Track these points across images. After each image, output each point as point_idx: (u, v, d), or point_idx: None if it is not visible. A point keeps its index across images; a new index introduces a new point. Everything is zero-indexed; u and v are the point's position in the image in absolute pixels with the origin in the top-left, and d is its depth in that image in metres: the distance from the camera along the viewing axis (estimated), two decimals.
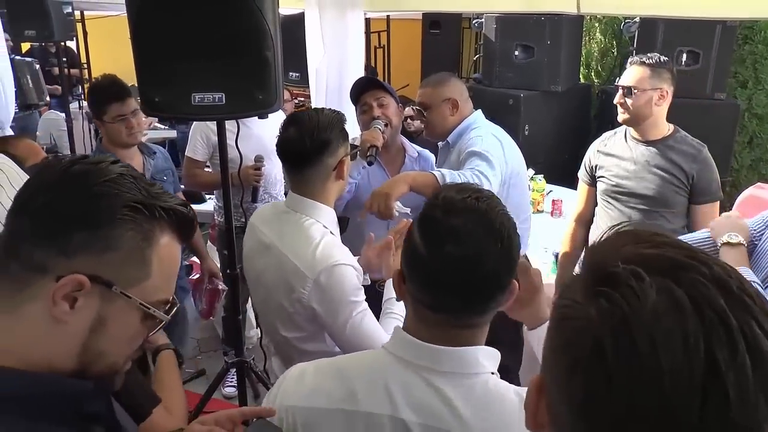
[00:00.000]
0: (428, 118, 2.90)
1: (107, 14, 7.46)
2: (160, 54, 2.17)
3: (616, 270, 0.64)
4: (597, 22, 6.59)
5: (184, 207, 1.02)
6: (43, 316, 0.91)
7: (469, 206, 1.23)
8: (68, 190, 0.94)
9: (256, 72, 2.18)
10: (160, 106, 2.24)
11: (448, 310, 1.24)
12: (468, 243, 1.19)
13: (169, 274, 1.02)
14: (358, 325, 1.91)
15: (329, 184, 2.07)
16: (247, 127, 2.99)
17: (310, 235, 1.98)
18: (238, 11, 2.08)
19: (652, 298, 0.60)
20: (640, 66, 2.87)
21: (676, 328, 0.59)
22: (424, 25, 7.80)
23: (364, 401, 1.25)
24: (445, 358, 1.23)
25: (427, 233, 1.24)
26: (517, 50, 5.70)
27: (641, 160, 2.90)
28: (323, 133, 2.01)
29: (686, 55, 4.99)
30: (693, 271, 0.62)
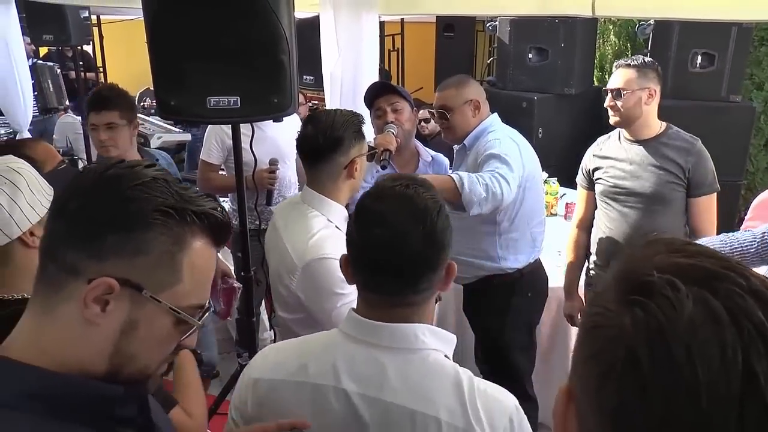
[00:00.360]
0: (451, 121, 2.88)
1: (123, 18, 7.54)
2: (176, 58, 2.20)
3: (651, 279, 0.63)
4: (611, 25, 6.57)
5: (218, 210, 1.01)
6: (76, 318, 0.93)
7: (396, 192, 1.34)
8: (101, 194, 0.95)
9: (271, 76, 2.20)
10: (175, 109, 2.26)
11: (384, 290, 1.35)
12: (392, 225, 1.30)
13: (202, 279, 1.02)
14: (343, 314, 1.96)
15: (340, 182, 2.13)
16: (261, 130, 3.01)
17: (309, 227, 2.07)
18: (254, 15, 2.10)
19: (689, 309, 0.59)
20: (626, 68, 2.91)
21: (713, 339, 0.58)
22: (437, 28, 7.80)
23: (313, 373, 1.36)
24: (384, 333, 1.33)
25: (358, 218, 1.37)
26: (531, 53, 5.69)
27: (637, 160, 2.93)
28: (336, 132, 2.08)
29: (701, 57, 4.96)
30: (729, 282, 0.61)
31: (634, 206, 2.95)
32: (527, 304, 2.93)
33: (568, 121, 5.81)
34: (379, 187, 1.38)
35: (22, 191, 1.54)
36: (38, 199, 1.55)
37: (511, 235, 2.91)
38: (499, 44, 6.12)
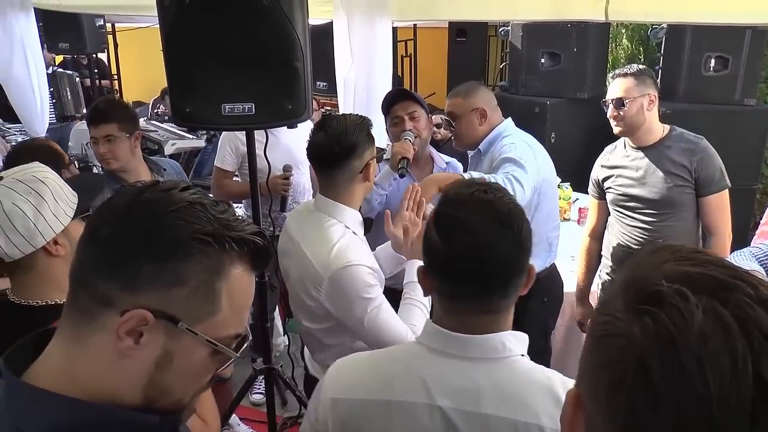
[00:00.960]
0: (457, 129, 2.92)
1: (137, 26, 7.59)
2: (191, 65, 2.21)
3: (660, 288, 0.63)
4: (624, 29, 6.55)
5: (258, 235, 0.96)
6: (108, 349, 0.88)
7: (476, 198, 1.33)
8: (135, 221, 0.89)
9: (285, 82, 2.21)
10: (190, 116, 2.27)
11: (469, 298, 1.32)
12: (478, 232, 1.28)
13: (241, 307, 0.96)
14: (374, 318, 1.99)
15: (355, 186, 2.14)
16: (275, 136, 3.02)
17: (329, 236, 2.07)
18: (268, 22, 2.11)
19: (699, 319, 0.59)
20: (624, 77, 2.92)
21: (723, 350, 0.58)
22: (450, 34, 7.82)
23: (400, 391, 1.32)
24: (473, 346, 1.30)
25: (440, 227, 1.33)
26: (543, 58, 5.69)
27: (643, 166, 2.93)
28: (350, 137, 2.09)
29: (714, 60, 4.94)
30: (738, 292, 0.61)
31: (645, 212, 2.94)
32: (543, 308, 2.92)
33: (580, 126, 5.79)
34: (457, 194, 1.37)
35: (47, 201, 1.56)
36: (62, 209, 1.57)
37: None
38: (511, 49, 6.12)
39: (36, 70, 4.55)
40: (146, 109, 7.82)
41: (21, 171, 1.61)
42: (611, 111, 2.94)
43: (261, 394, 3.84)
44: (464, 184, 1.41)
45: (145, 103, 8.32)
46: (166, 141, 5.47)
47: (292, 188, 3.53)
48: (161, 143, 5.48)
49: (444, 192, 1.41)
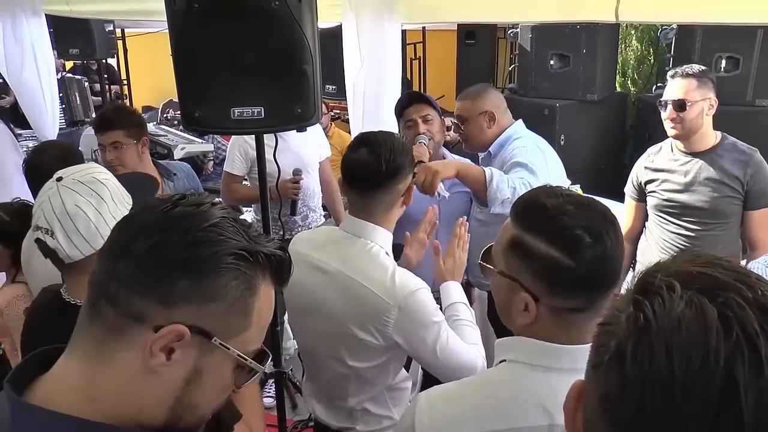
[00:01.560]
0: (465, 131, 2.91)
1: (147, 31, 7.63)
2: (200, 70, 2.21)
3: (653, 280, 0.65)
4: (633, 30, 6.53)
5: (283, 251, 0.97)
6: (136, 367, 0.87)
7: (576, 203, 1.26)
8: (170, 236, 0.88)
9: (295, 86, 2.20)
10: (200, 121, 2.27)
11: (597, 306, 1.25)
12: (602, 237, 1.22)
13: (265, 323, 0.97)
14: (446, 345, 1.89)
15: (395, 210, 2.03)
16: (284, 140, 3.02)
17: (383, 263, 1.94)
18: (277, 26, 2.11)
19: (679, 308, 0.61)
20: (685, 78, 2.81)
21: (697, 341, 0.58)
22: (459, 36, 7.81)
23: (517, 417, 1.24)
24: (582, 356, 1.25)
25: (560, 241, 1.23)
26: (553, 59, 5.68)
27: (692, 173, 2.84)
28: (399, 158, 1.96)
29: (725, 61, 4.91)
30: (734, 292, 0.61)
31: (690, 220, 2.86)
32: None
33: (590, 128, 5.78)
34: (555, 204, 1.26)
35: (107, 202, 1.57)
36: (120, 210, 1.57)
37: None
38: (520, 51, 6.11)
39: (47, 75, 4.58)
40: (156, 113, 7.86)
41: (80, 171, 1.62)
42: (670, 113, 2.83)
43: (271, 397, 3.83)
44: (544, 193, 1.31)
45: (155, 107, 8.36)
46: (176, 145, 5.51)
47: (301, 192, 3.54)
48: (171, 147, 5.51)
49: (526, 205, 1.32)
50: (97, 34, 5.68)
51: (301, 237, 2.23)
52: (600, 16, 2.61)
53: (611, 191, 5.50)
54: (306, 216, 3.81)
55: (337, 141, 5.26)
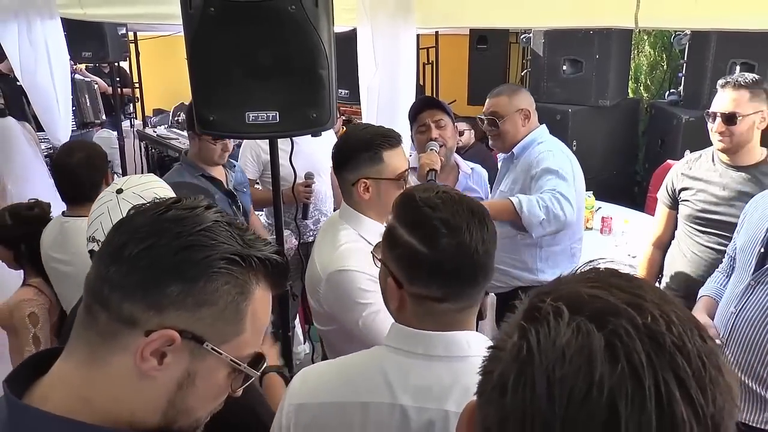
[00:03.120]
0: (501, 128, 2.90)
1: (159, 34, 7.65)
2: (215, 73, 2.21)
3: (541, 305, 0.61)
4: (646, 35, 6.50)
5: (279, 255, 0.96)
6: (128, 370, 0.87)
7: (446, 198, 1.33)
8: (162, 240, 0.88)
9: (310, 90, 2.20)
10: (214, 124, 2.27)
11: (457, 298, 1.32)
12: (461, 230, 1.29)
13: (261, 326, 0.96)
14: (371, 323, 1.98)
15: (355, 199, 2.13)
16: (297, 144, 3.02)
17: (336, 240, 2.08)
18: (294, 30, 2.10)
19: (565, 338, 0.57)
20: (737, 89, 2.65)
21: (581, 374, 0.55)
22: (471, 41, 7.79)
23: (364, 392, 1.31)
24: (438, 343, 1.30)
25: (419, 231, 1.31)
26: (565, 65, 5.67)
27: (732, 186, 2.69)
28: (347, 151, 2.13)
29: (740, 67, 4.87)
30: (624, 318, 0.58)
31: (722, 235, 2.68)
32: None
33: (602, 134, 5.75)
34: (422, 198, 1.35)
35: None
36: None
37: (553, 249, 2.88)
38: (532, 56, 6.09)
39: (61, 78, 4.60)
40: (167, 116, 7.87)
41: (140, 185, 1.65)
42: (718, 126, 2.67)
43: None
44: (422, 188, 1.41)
45: (166, 110, 8.38)
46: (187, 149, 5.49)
47: (313, 196, 3.53)
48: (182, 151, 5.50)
49: (402, 198, 1.41)
50: (110, 38, 5.69)
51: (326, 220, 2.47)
52: (619, 21, 2.59)
53: (623, 197, 5.49)
54: (318, 220, 3.80)
55: None
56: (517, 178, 2.86)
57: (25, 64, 4.48)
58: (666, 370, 0.55)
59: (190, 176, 3.11)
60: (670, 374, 0.55)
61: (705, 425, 0.54)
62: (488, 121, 2.94)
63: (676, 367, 0.55)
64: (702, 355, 0.57)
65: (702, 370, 0.56)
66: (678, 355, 0.56)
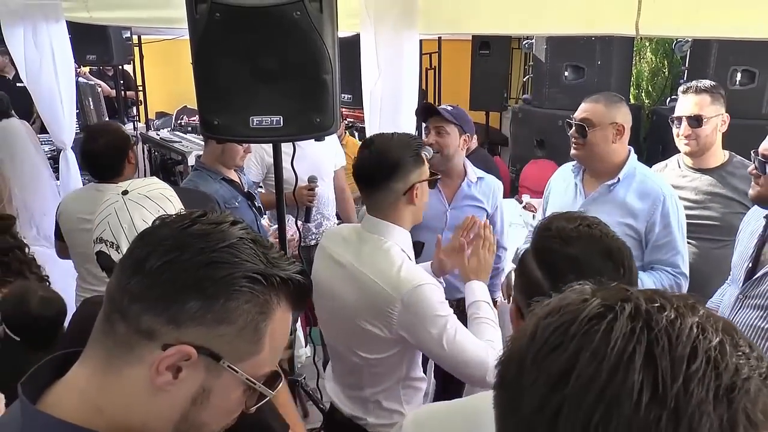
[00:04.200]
0: (589, 137, 2.61)
1: (163, 38, 7.68)
2: (220, 78, 2.23)
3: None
4: (648, 42, 6.52)
5: (302, 275, 0.95)
6: (143, 383, 0.86)
7: (584, 233, 1.24)
8: (184, 255, 0.87)
9: (314, 95, 2.22)
10: (219, 128, 2.29)
11: None
12: (589, 271, 1.17)
13: (279, 345, 0.95)
14: (453, 339, 1.92)
15: (401, 208, 2.06)
16: (301, 148, 3.04)
17: (392, 258, 1.99)
18: (298, 35, 2.12)
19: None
20: (698, 94, 2.78)
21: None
22: (473, 46, 7.81)
23: None
24: None
25: (546, 264, 1.23)
26: (567, 71, 5.68)
27: (703, 189, 2.80)
28: (392, 157, 2.02)
29: (741, 74, 4.88)
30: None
31: (701, 237, 2.80)
32: None
33: None
34: (561, 228, 1.26)
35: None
36: None
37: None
38: (535, 62, 6.11)
39: (66, 81, 4.63)
40: (170, 119, 7.90)
41: (145, 186, 1.66)
42: (684, 129, 2.77)
43: None
44: (564, 218, 1.31)
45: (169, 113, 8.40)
46: (190, 152, 5.52)
47: (316, 199, 3.55)
48: (185, 154, 5.52)
49: (543, 224, 1.32)
50: (114, 41, 5.75)
51: (330, 231, 2.42)
52: (620, 29, 2.60)
53: None
54: (320, 224, 3.83)
55: (351, 149, 5.29)
56: (614, 211, 2.55)
57: (31, 67, 4.52)
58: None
59: (213, 180, 3.16)
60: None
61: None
62: (577, 128, 2.66)
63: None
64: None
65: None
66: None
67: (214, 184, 3.15)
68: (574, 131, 2.68)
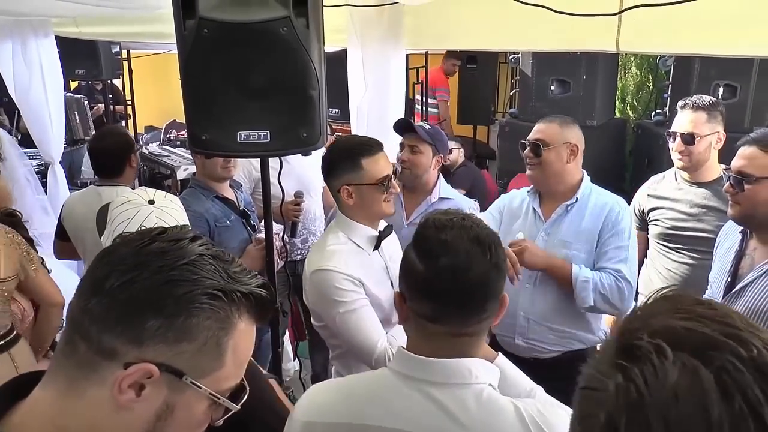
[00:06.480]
0: (543, 157, 2.64)
1: (152, 52, 7.70)
2: (208, 93, 2.24)
3: (640, 343, 0.59)
4: (633, 57, 6.59)
5: (264, 289, 0.96)
6: (107, 402, 0.86)
7: (456, 223, 1.37)
8: (143, 274, 0.87)
9: (301, 110, 2.24)
10: (207, 143, 2.30)
11: (446, 320, 1.34)
12: (457, 252, 1.32)
13: (243, 359, 0.96)
14: (346, 320, 2.16)
15: (343, 204, 2.30)
16: (288, 163, 3.06)
17: (324, 242, 2.29)
18: (285, 51, 2.14)
19: (673, 379, 0.55)
20: (695, 111, 2.81)
21: (697, 414, 0.53)
22: (461, 61, 7.88)
23: (368, 415, 1.33)
24: (438, 369, 1.32)
25: (420, 249, 1.37)
26: (553, 85, 5.72)
27: (698, 202, 2.84)
28: (329, 157, 2.34)
29: (723, 88, 4.95)
30: (727, 352, 0.56)
31: (694, 249, 2.83)
32: None
33: (590, 153, 5.71)
34: (437, 219, 1.39)
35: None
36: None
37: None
38: (521, 76, 6.16)
39: (55, 96, 4.64)
40: (159, 133, 7.90)
41: (165, 195, 1.87)
42: (678, 145, 2.82)
43: None
44: (443, 212, 1.44)
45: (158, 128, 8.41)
46: (179, 166, 5.53)
47: (303, 214, 3.56)
48: (174, 168, 5.53)
49: (424, 218, 1.44)
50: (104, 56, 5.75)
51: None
52: (601, 45, 2.65)
53: None
54: (306, 239, 3.83)
55: None
56: (572, 229, 2.61)
57: (19, 82, 4.52)
58: None
59: (206, 199, 3.17)
60: None
61: None
62: (531, 148, 2.67)
63: None
64: None
65: None
66: None
67: (206, 202, 3.15)
68: (528, 151, 2.70)
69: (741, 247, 2.29)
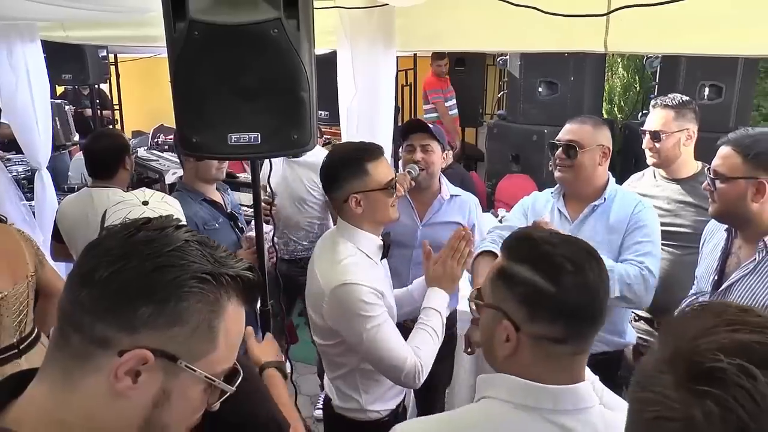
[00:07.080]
0: (578, 158, 2.60)
1: (140, 56, 7.67)
2: (198, 96, 2.23)
3: (720, 366, 0.56)
4: (620, 58, 6.65)
5: (251, 272, 0.98)
6: (104, 391, 0.88)
7: (562, 238, 1.32)
8: (131, 262, 0.89)
9: (291, 112, 2.24)
10: (197, 146, 2.29)
11: (576, 338, 1.26)
12: (583, 268, 1.25)
13: (235, 342, 0.98)
14: (373, 336, 2.05)
15: (349, 214, 2.23)
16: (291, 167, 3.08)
17: (336, 255, 2.17)
18: (276, 53, 2.14)
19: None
20: (664, 109, 2.90)
21: None
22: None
23: None
24: (566, 397, 1.24)
25: (544, 267, 1.26)
26: (541, 87, 5.76)
27: (675, 198, 2.90)
28: (330, 170, 2.27)
29: (708, 89, 5.01)
30: None
31: (673, 244, 2.88)
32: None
33: None
34: (541, 237, 1.31)
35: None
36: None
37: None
38: (509, 78, 6.20)
39: (41, 101, 4.61)
40: (146, 138, 7.87)
41: (158, 194, 1.89)
42: (647, 142, 2.92)
43: None
44: (532, 229, 1.41)
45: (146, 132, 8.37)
46: (167, 170, 5.52)
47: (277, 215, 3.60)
48: (162, 172, 5.52)
49: (516, 236, 1.37)
50: (91, 60, 5.71)
51: (323, 234, 2.51)
52: (589, 46, 2.67)
53: None
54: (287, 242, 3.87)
55: None
56: (600, 229, 2.61)
57: (5, 87, 4.49)
58: None
59: (193, 202, 3.17)
60: None
61: None
62: (564, 149, 2.62)
63: None
64: None
65: None
66: None
67: (194, 205, 3.16)
68: (561, 152, 2.65)
69: (727, 245, 2.33)
